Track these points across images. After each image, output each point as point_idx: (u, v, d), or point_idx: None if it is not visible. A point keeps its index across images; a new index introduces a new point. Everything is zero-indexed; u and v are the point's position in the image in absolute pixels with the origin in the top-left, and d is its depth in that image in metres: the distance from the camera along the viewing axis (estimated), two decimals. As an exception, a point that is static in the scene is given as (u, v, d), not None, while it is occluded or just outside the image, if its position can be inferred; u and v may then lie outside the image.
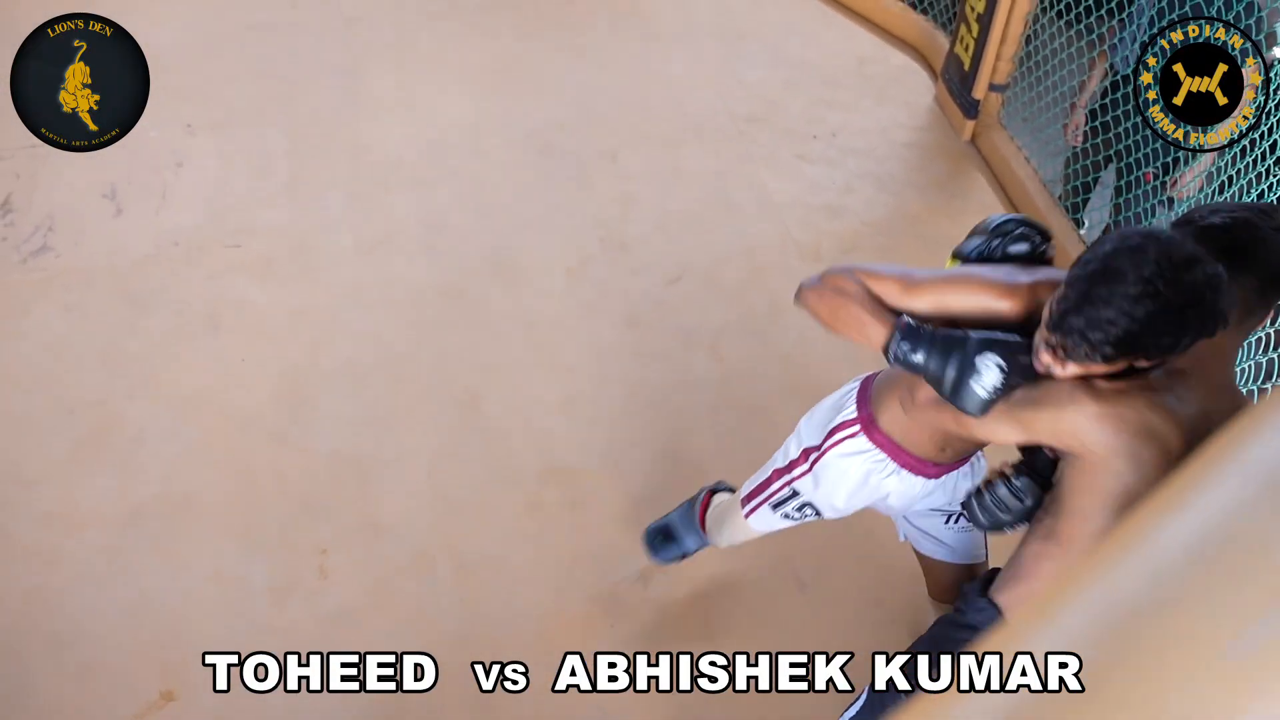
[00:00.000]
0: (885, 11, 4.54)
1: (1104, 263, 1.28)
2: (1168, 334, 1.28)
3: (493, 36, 4.40)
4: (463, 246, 3.41)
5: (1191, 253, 1.27)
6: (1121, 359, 1.32)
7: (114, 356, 2.99)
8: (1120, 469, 1.35)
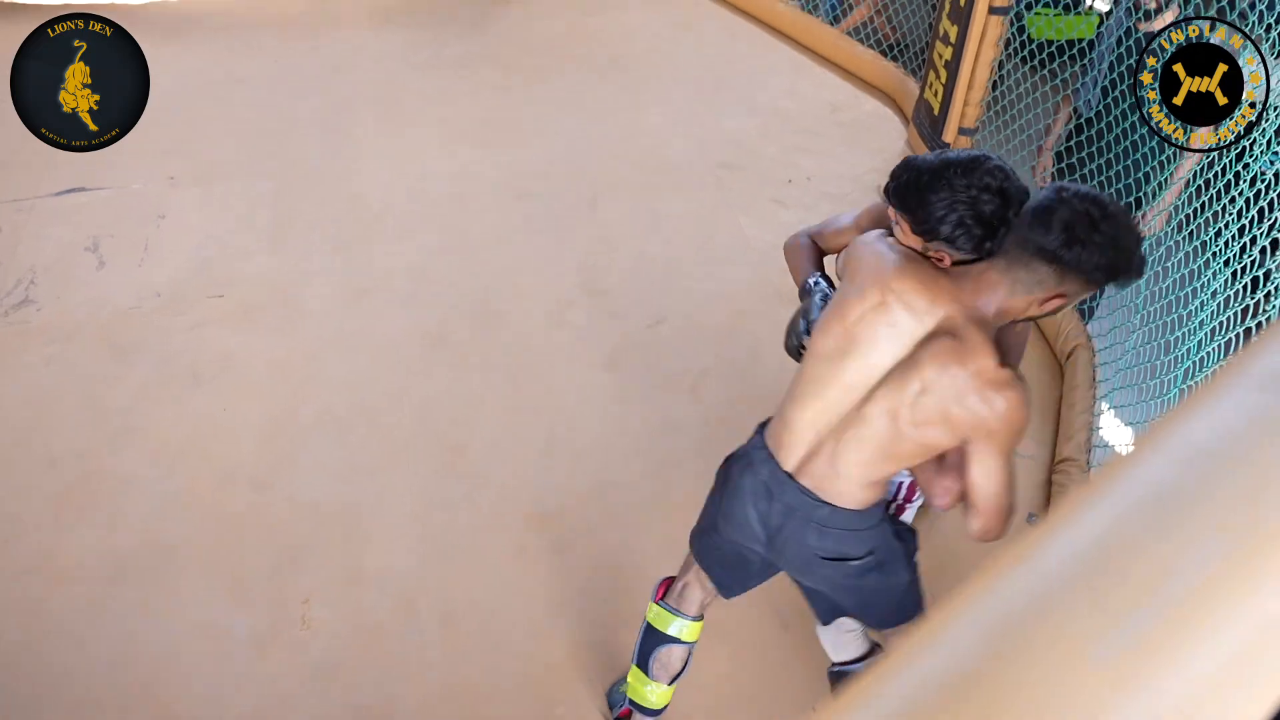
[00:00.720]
0: (857, 59, 4.65)
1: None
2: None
3: (475, 87, 4.48)
4: (444, 293, 3.44)
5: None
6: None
7: (96, 408, 3.00)
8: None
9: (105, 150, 3.99)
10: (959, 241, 1.57)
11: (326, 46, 4.72)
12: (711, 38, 4.97)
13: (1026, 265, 1.49)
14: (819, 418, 1.71)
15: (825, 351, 1.67)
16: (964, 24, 3.61)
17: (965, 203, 1.55)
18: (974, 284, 1.56)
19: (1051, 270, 1.47)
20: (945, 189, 1.55)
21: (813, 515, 1.76)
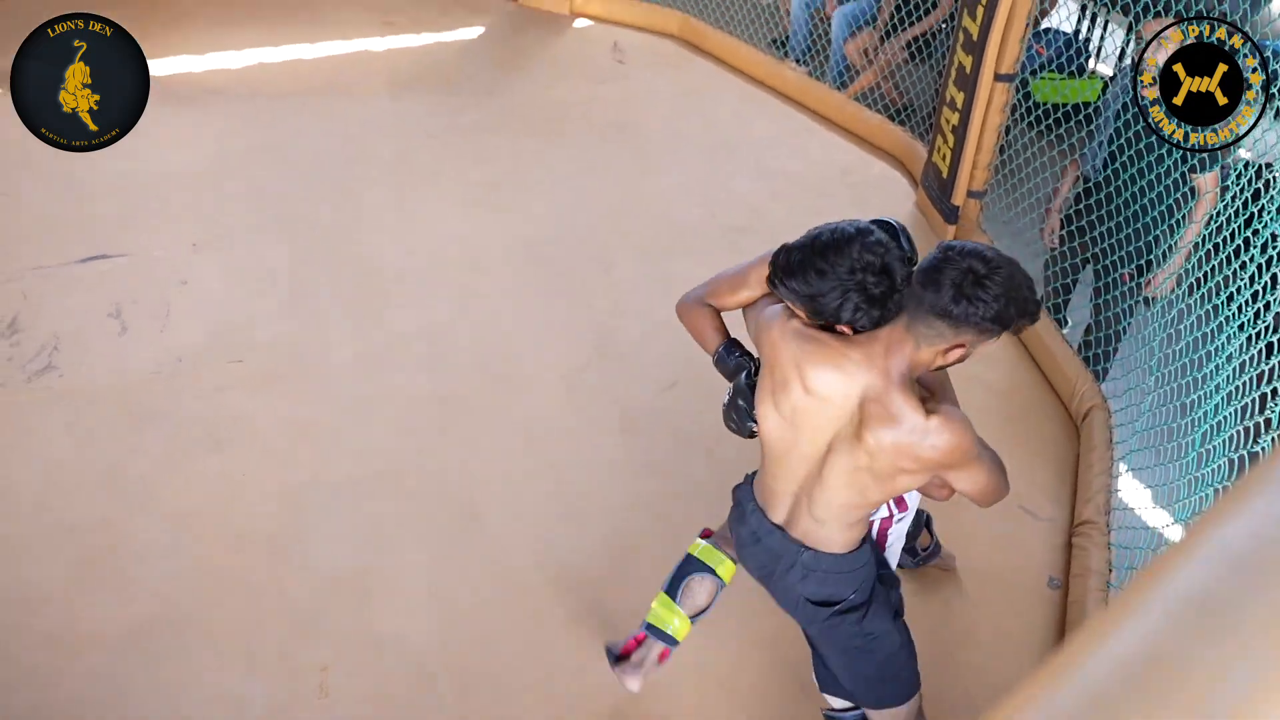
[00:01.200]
0: (865, 123, 4.73)
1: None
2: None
3: (488, 153, 4.57)
4: (460, 358, 3.47)
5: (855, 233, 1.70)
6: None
7: (116, 475, 3.02)
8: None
9: (128, 217, 4.10)
10: (860, 323, 1.68)
11: (344, 116, 4.83)
12: (720, 103, 5.07)
13: (925, 322, 1.61)
14: (790, 481, 1.86)
15: (774, 432, 1.83)
16: (970, 91, 3.68)
17: (854, 289, 1.64)
18: (883, 347, 1.68)
19: (946, 325, 1.60)
20: (831, 278, 1.64)
21: (797, 559, 1.88)
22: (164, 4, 5.81)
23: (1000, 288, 1.57)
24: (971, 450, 1.70)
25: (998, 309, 1.58)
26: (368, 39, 5.52)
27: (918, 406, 1.67)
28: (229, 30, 5.51)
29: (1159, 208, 2.93)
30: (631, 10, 5.70)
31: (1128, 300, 3.15)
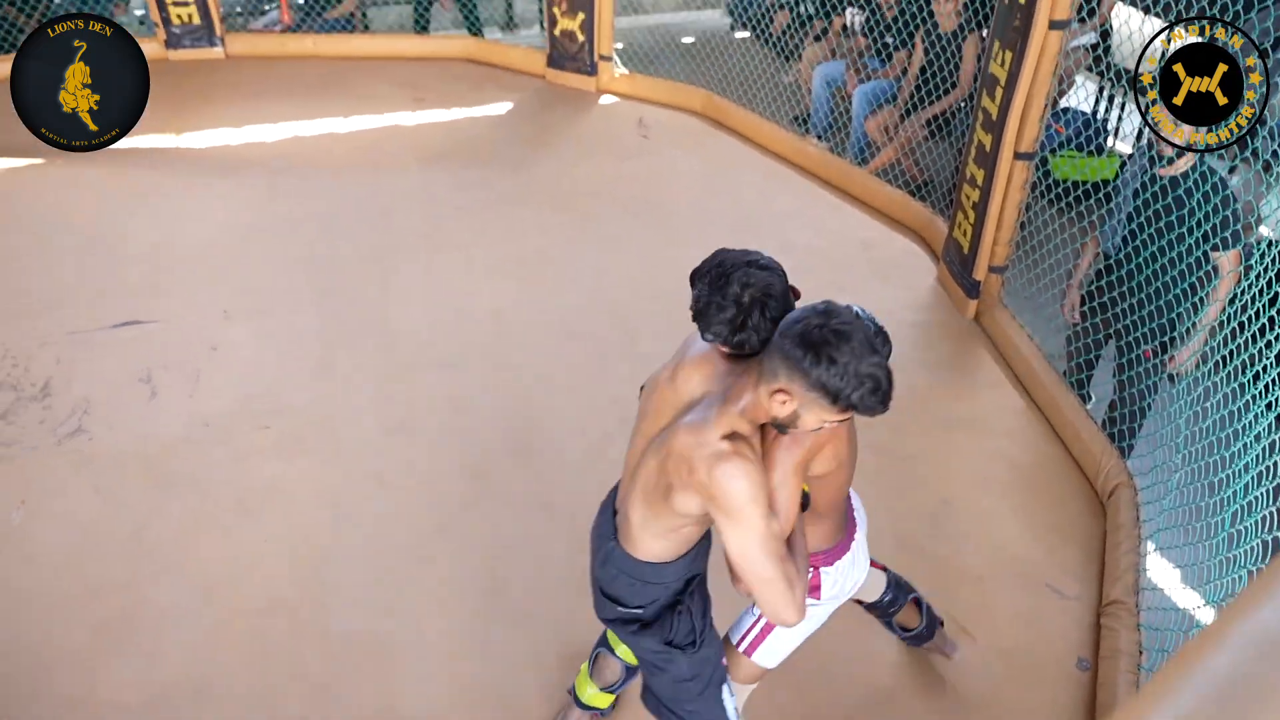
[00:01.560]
0: (887, 199, 4.79)
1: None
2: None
3: (518, 227, 4.66)
4: (485, 427, 3.50)
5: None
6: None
7: (141, 538, 3.04)
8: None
9: (162, 284, 4.19)
10: (717, 336, 1.73)
11: (376, 188, 4.95)
12: (743, 178, 5.16)
13: (769, 357, 1.62)
14: (628, 465, 1.93)
15: (640, 410, 1.93)
16: (990, 168, 3.74)
17: (716, 305, 1.71)
18: (744, 375, 1.70)
19: (781, 364, 1.58)
20: (705, 290, 1.74)
21: (603, 545, 1.97)
22: (202, 77, 6.02)
23: (845, 356, 1.53)
24: (746, 510, 1.63)
25: (830, 373, 1.54)
26: (399, 113, 5.68)
27: (727, 429, 1.66)
28: (264, 104, 5.70)
29: (1180, 285, 2.94)
30: (656, 88, 5.84)
31: (1151, 377, 3.15)
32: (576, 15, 5.72)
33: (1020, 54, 3.48)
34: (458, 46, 6.39)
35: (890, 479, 3.25)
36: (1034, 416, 3.56)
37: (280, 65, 6.18)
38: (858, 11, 5.67)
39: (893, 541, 2.98)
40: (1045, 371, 3.58)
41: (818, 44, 5.92)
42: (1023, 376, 3.69)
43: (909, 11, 5.23)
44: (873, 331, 1.62)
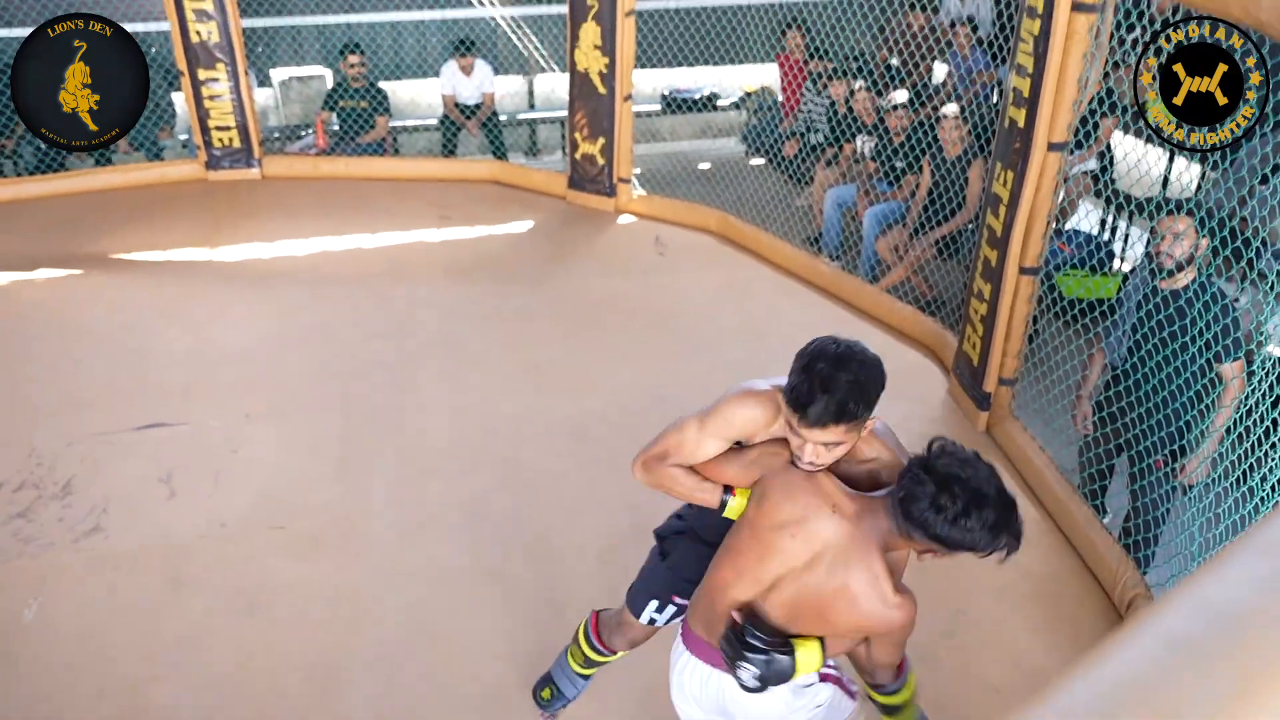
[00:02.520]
0: (897, 314, 4.89)
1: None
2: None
3: (535, 337, 4.77)
4: (499, 531, 3.51)
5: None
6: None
7: (151, 638, 3.03)
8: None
9: (188, 389, 4.29)
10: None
11: (399, 298, 5.10)
12: (757, 294, 5.29)
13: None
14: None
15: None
16: (996, 283, 3.84)
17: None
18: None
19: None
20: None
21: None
22: (239, 196, 6.30)
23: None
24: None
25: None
26: (425, 230, 5.90)
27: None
28: (297, 221, 5.93)
29: (1186, 394, 2.98)
30: (673, 208, 6.06)
31: (1163, 487, 3.15)
32: (597, 140, 5.99)
33: (1021, 174, 3.62)
34: (483, 169, 6.68)
35: (904, 587, 3.22)
36: (1048, 527, 3.54)
37: (314, 185, 6.46)
38: (867, 138, 5.92)
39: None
40: (1059, 483, 3.58)
41: (829, 169, 6.15)
42: (1036, 488, 3.69)
43: (916, 137, 5.45)
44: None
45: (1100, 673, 0.45)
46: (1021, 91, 3.58)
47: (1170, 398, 3.02)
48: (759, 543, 1.90)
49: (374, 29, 7.50)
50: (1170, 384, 2.99)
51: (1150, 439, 3.09)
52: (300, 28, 7.47)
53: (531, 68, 7.85)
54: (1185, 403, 2.99)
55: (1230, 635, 0.46)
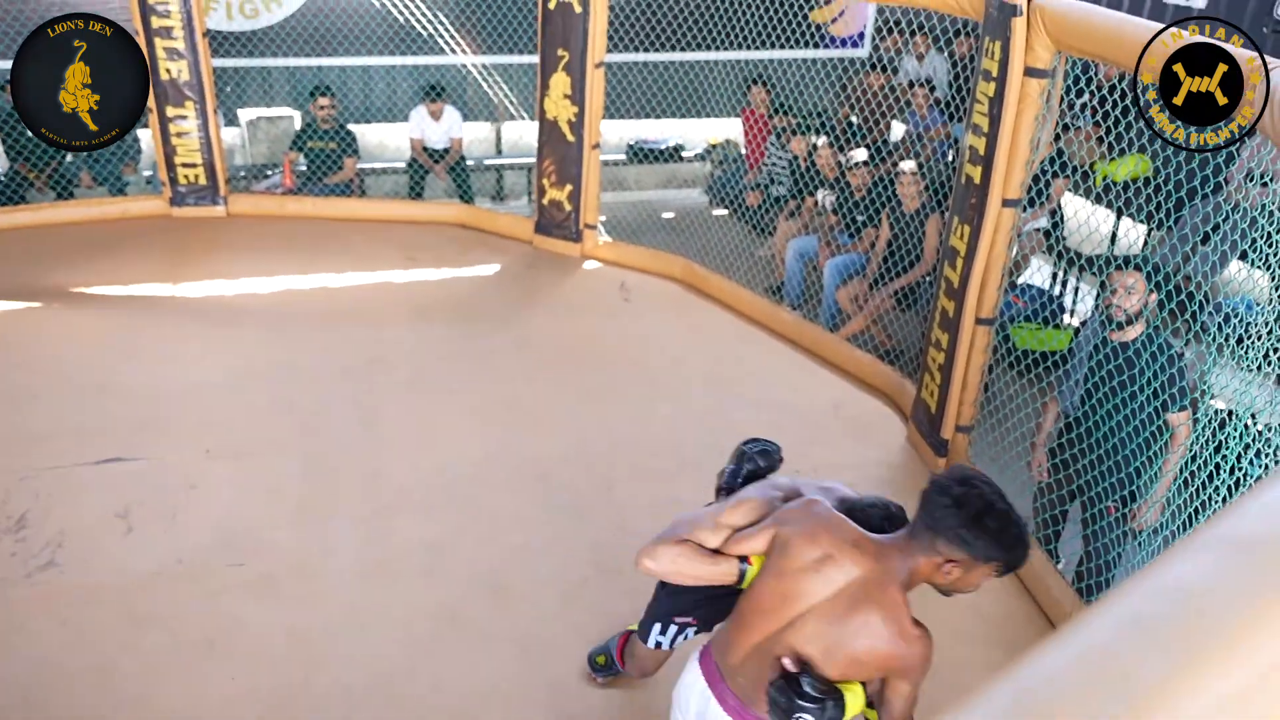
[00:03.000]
0: (857, 362, 5.00)
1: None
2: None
3: (500, 377, 4.80)
4: (460, 570, 3.50)
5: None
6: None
7: (105, 675, 2.98)
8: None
9: (148, 424, 4.25)
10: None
11: (365, 339, 5.10)
12: (720, 340, 5.37)
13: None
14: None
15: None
16: (954, 332, 3.95)
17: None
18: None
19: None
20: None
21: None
22: (203, 233, 6.28)
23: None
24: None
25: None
26: (392, 271, 5.92)
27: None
28: (262, 259, 5.93)
29: (1135, 441, 3.09)
30: (638, 255, 6.15)
31: (1115, 531, 3.24)
32: (564, 186, 6.08)
33: (977, 228, 3.76)
34: (450, 212, 6.73)
35: (864, 629, 3.26)
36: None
37: (279, 224, 6.47)
38: (829, 192, 6.08)
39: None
40: (1013, 527, 3.66)
41: (791, 220, 6.29)
42: (991, 532, 3.76)
43: (875, 192, 5.62)
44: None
45: (1066, 646, 0.51)
46: (978, 150, 3.73)
47: (1121, 445, 3.12)
48: (783, 586, 1.95)
49: (344, 72, 7.58)
50: (1120, 431, 3.10)
51: (1102, 484, 3.19)
52: (270, 69, 7.52)
53: (500, 115, 7.96)
54: (1135, 449, 3.09)
55: (1182, 614, 0.52)
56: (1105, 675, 0.49)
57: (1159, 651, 0.50)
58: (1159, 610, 0.53)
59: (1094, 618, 0.53)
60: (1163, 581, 0.55)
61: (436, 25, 7.34)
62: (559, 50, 5.73)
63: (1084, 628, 0.52)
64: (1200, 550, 0.58)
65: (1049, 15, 3.36)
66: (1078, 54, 3.37)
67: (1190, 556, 0.57)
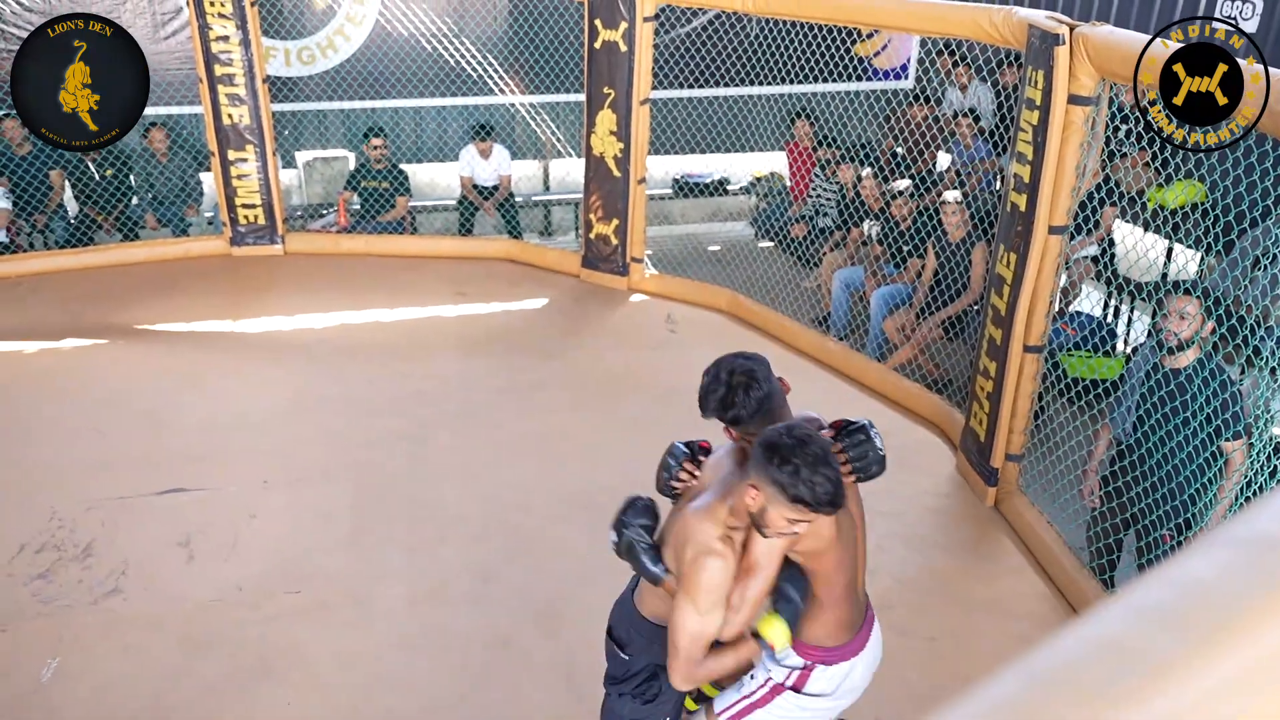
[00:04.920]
0: (904, 391, 4.98)
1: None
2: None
3: (548, 409, 4.86)
4: (510, 598, 3.54)
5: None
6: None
7: (164, 700, 3.06)
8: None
9: (208, 455, 4.37)
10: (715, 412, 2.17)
11: (414, 372, 5.21)
12: (766, 371, 5.38)
13: (751, 459, 1.93)
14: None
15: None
16: (1001, 361, 3.93)
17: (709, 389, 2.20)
18: (739, 473, 2.05)
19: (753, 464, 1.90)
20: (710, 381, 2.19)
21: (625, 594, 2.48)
22: (261, 271, 6.47)
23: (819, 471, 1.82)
24: (696, 599, 1.97)
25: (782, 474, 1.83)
26: (441, 306, 6.04)
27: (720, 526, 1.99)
28: (317, 295, 6.09)
29: (1189, 468, 3.04)
30: (684, 287, 6.20)
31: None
32: (611, 221, 6.17)
33: (1024, 256, 3.75)
34: (499, 248, 6.86)
35: (912, 659, 3.24)
36: (1057, 602, 3.56)
37: (334, 262, 6.64)
38: (874, 222, 6.09)
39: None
40: (1066, 556, 3.61)
41: (837, 251, 6.30)
42: (1044, 562, 3.72)
43: (920, 222, 5.61)
44: (828, 447, 1.90)
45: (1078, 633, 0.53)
46: (1023, 178, 3.73)
47: (1175, 472, 3.08)
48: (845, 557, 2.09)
49: (397, 114, 7.79)
50: (1174, 458, 3.06)
51: (1157, 512, 3.14)
52: (326, 112, 7.76)
53: (547, 152, 8.11)
54: (1189, 476, 3.05)
55: (1193, 602, 0.54)
56: (1115, 655, 0.51)
57: (1167, 634, 0.52)
58: (1170, 599, 0.55)
59: (1107, 608, 0.56)
60: (1177, 575, 0.58)
61: (485, 66, 7.53)
62: (604, 88, 5.84)
63: (1096, 617, 0.54)
64: (1217, 547, 0.60)
65: (1092, 43, 3.37)
66: (1122, 81, 3.37)
67: (1206, 553, 0.59)
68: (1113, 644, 0.51)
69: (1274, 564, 0.56)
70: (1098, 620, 0.54)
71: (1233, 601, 0.53)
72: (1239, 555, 0.57)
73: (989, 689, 0.50)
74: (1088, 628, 0.54)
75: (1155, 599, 0.55)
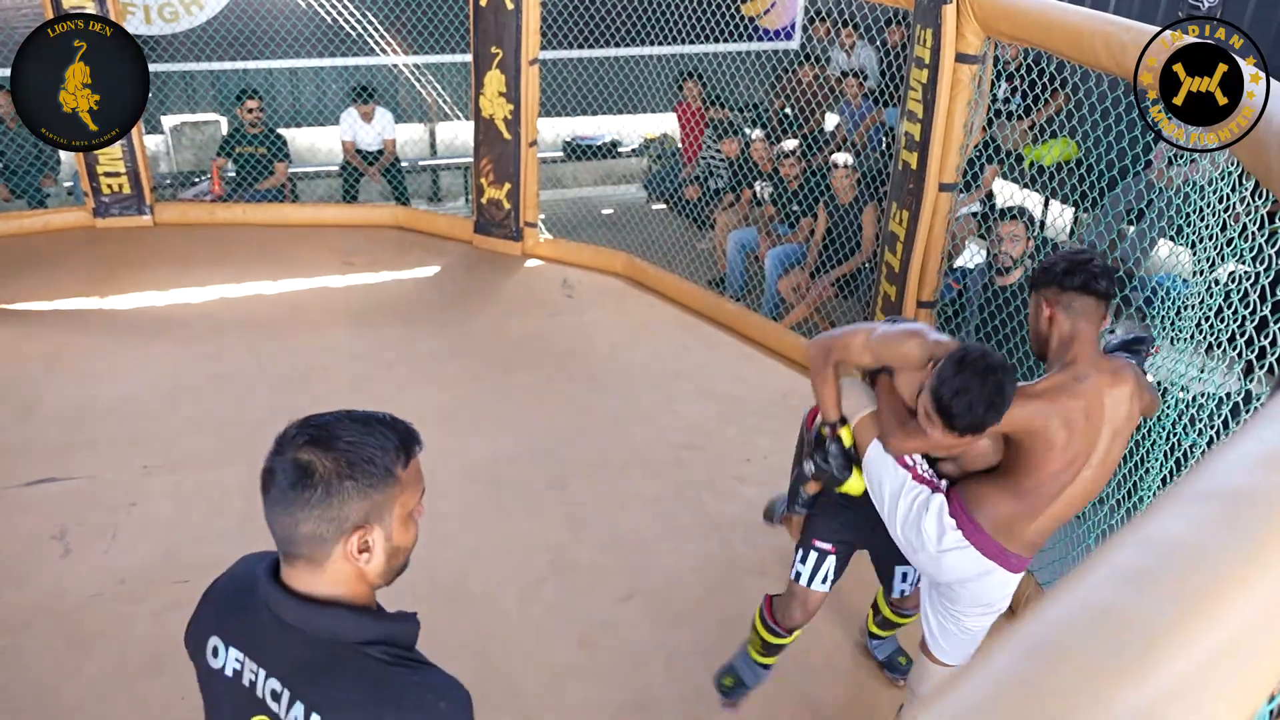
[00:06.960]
0: (801, 350, 5.04)
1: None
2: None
3: (444, 381, 4.74)
4: (415, 577, 3.41)
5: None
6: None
7: (46, 702, 2.87)
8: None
9: (80, 442, 4.10)
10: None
11: (303, 346, 5.00)
12: (664, 333, 5.38)
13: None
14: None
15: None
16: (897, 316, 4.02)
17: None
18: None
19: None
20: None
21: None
22: (129, 244, 6.09)
23: (974, 399, 1.95)
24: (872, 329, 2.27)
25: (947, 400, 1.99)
26: (328, 277, 5.81)
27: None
28: (192, 269, 5.77)
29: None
30: (579, 251, 6.13)
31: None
32: (503, 185, 6.03)
33: (916, 213, 3.82)
34: (386, 215, 6.63)
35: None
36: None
37: (209, 232, 6.31)
38: (765, 183, 6.12)
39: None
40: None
41: (729, 213, 6.32)
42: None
43: (811, 183, 5.67)
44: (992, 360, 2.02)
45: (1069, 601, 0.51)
46: (913, 136, 3.79)
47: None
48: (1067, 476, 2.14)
49: (271, 75, 7.41)
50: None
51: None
52: (193, 74, 7.32)
53: (433, 115, 7.86)
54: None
55: (1176, 566, 0.52)
56: (1110, 626, 0.49)
57: (1158, 602, 0.50)
58: (1152, 563, 0.54)
59: (1089, 573, 0.54)
60: (1152, 535, 0.56)
61: (365, 25, 7.22)
62: (492, 48, 5.68)
63: (1081, 583, 0.52)
64: (1184, 503, 0.59)
65: (978, 2, 3.43)
66: (1007, 39, 3.44)
67: (1176, 510, 0.58)
68: (1104, 613, 0.49)
69: (1249, 519, 0.55)
70: (1084, 586, 0.52)
71: (1216, 563, 0.52)
72: (1211, 510, 0.56)
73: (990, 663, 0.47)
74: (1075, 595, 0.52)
75: (1137, 562, 0.53)
